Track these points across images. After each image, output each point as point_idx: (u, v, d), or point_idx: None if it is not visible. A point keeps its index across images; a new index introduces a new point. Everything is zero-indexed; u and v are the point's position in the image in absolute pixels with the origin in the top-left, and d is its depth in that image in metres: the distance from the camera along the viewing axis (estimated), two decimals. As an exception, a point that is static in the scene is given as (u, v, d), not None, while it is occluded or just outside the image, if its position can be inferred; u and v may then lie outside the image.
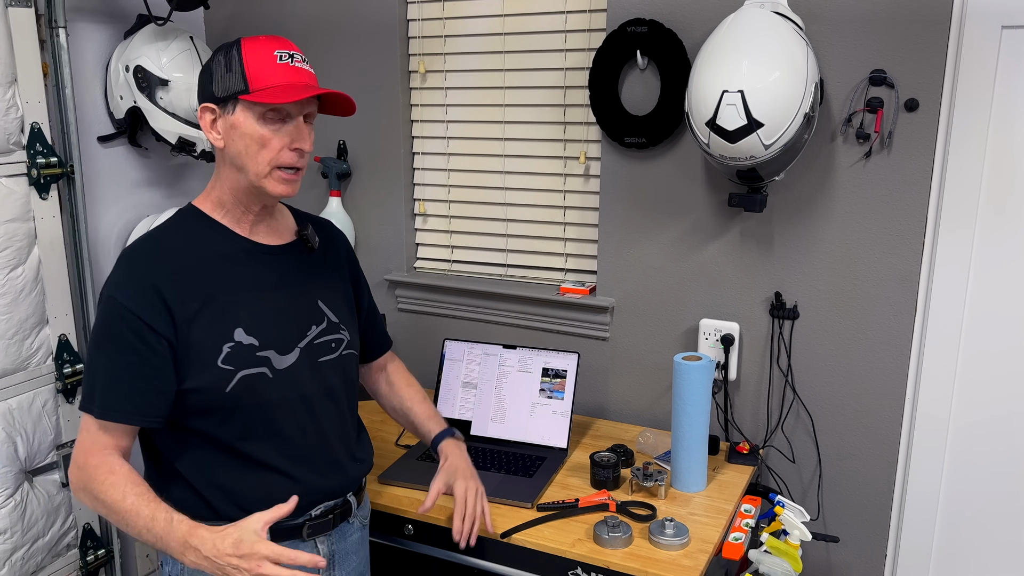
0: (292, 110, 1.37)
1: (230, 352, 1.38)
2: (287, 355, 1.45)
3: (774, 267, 2.06)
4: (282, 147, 1.37)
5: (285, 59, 1.36)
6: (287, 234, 1.53)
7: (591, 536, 1.69)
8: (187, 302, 1.37)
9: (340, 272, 1.61)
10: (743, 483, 1.92)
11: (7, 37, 1.96)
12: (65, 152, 2.14)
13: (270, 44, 1.36)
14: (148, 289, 1.35)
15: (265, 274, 1.46)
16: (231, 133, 1.37)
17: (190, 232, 1.44)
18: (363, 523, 1.63)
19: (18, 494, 2.04)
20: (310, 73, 1.39)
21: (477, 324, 2.46)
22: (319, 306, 1.52)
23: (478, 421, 2.13)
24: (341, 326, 1.55)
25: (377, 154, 2.49)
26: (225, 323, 1.39)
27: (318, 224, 1.63)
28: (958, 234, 1.87)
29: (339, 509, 1.54)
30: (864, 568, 2.10)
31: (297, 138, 1.38)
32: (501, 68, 2.32)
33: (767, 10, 1.76)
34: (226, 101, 1.36)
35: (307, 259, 1.54)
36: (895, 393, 1.99)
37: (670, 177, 2.12)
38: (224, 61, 1.36)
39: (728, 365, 2.12)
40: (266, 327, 1.43)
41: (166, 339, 1.35)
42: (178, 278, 1.38)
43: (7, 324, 2.01)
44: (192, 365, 1.37)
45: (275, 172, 1.38)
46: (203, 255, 1.42)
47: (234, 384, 1.38)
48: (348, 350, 1.55)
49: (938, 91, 1.83)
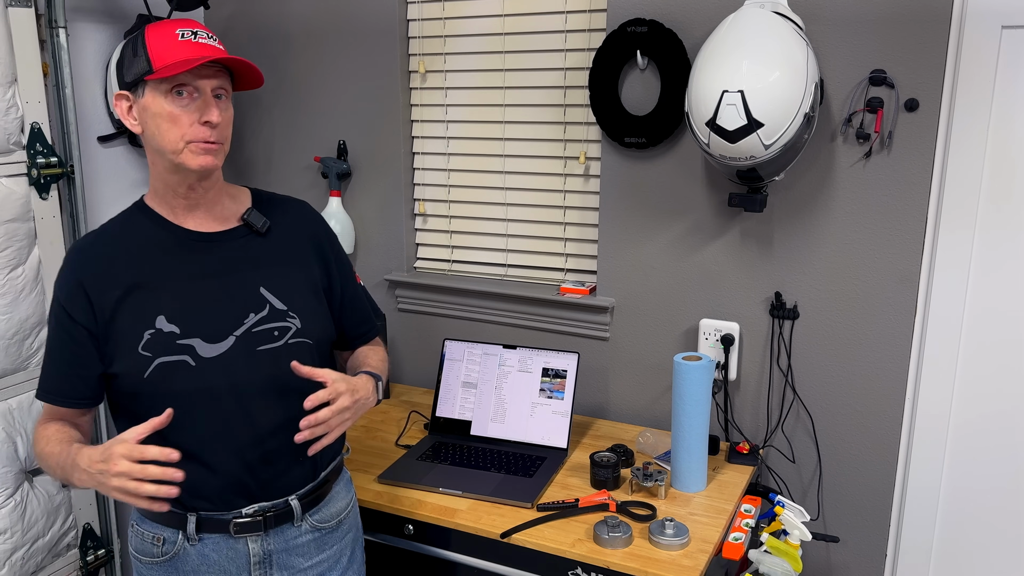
0: (199, 84, 1.36)
1: (150, 339, 1.40)
2: (217, 343, 1.43)
3: (774, 267, 2.06)
4: (192, 122, 1.36)
5: (187, 36, 1.36)
6: (232, 219, 1.51)
7: (591, 536, 1.69)
8: (108, 291, 1.41)
9: (301, 257, 1.55)
10: (743, 483, 1.92)
11: (7, 37, 1.96)
12: (65, 152, 2.14)
13: (172, 24, 1.38)
14: (73, 282, 1.42)
15: (197, 262, 1.45)
16: (144, 116, 1.38)
17: (129, 223, 1.48)
18: (318, 527, 1.54)
19: (18, 494, 2.04)
20: (216, 48, 1.38)
21: (477, 324, 2.46)
22: (260, 293, 1.48)
23: (478, 421, 2.13)
24: (289, 314, 1.49)
25: (377, 154, 2.49)
26: (147, 310, 1.41)
27: (284, 206, 1.59)
28: (958, 234, 1.87)
29: (277, 511, 1.49)
30: (864, 568, 2.10)
31: (205, 111, 1.37)
32: (501, 68, 2.32)
33: (767, 10, 1.76)
34: (135, 85, 1.38)
35: (253, 244, 1.50)
36: (895, 393, 1.99)
37: (670, 177, 2.12)
38: (131, 48, 1.38)
39: (728, 365, 2.12)
40: (191, 315, 1.42)
41: (85, 328, 1.42)
42: (104, 268, 1.43)
43: (7, 324, 2.01)
44: (117, 351, 1.41)
45: (190, 146, 1.38)
46: (134, 244, 1.45)
47: (151, 371, 1.39)
48: (297, 339, 1.48)
49: (938, 91, 1.83)
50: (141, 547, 1.50)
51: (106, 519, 2.31)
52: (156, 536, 1.48)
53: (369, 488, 1.89)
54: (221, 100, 1.40)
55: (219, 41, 1.41)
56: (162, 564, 1.48)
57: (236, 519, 1.46)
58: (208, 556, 1.47)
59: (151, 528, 1.49)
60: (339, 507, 1.60)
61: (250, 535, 1.47)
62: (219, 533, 1.47)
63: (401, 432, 2.22)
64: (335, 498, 1.59)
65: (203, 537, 1.46)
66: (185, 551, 1.47)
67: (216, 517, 1.46)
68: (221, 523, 1.46)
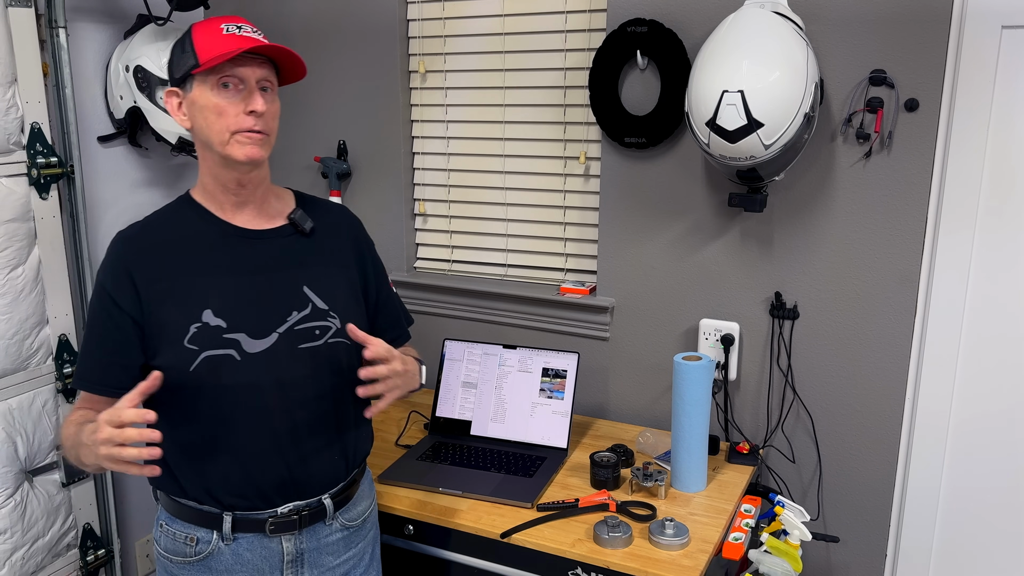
0: (243, 75, 1.38)
1: (196, 332, 1.40)
2: (262, 339, 1.44)
3: (774, 267, 2.06)
4: (237, 113, 1.39)
5: (232, 30, 1.40)
6: (280, 219, 1.53)
7: (591, 536, 1.69)
8: (155, 282, 1.42)
9: (342, 258, 1.58)
10: (743, 483, 1.92)
11: (7, 37, 1.97)
12: (65, 152, 2.14)
13: (217, 20, 1.42)
14: (120, 269, 1.43)
15: (244, 257, 1.47)
16: (192, 110, 1.41)
17: (176, 216, 1.49)
18: (347, 525, 1.57)
19: (18, 494, 2.04)
20: (259, 39, 1.40)
21: (477, 324, 2.46)
22: (304, 291, 1.50)
23: (478, 421, 2.13)
24: (330, 313, 1.51)
25: (377, 154, 2.49)
26: (194, 304, 1.41)
27: (326, 209, 1.62)
28: (958, 234, 1.87)
29: (311, 510, 1.51)
30: (864, 568, 2.10)
31: (250, 101, 1.39)
32: (501, 68, 2.32)
33: (767, 10, 1.76)
34: (184, 81, 1.41)
35: (298, 243, 1.52)
36: (895, 393, 1.99)
37: (670, 177, 2.12)
38: (180, 46, 1.42)
39: (728, 365, 2.12)
40: (238, 310, 1.43)
41: (130, 316, 1.41)
42: (151, 259, 1.43)
43: (7, 324, 2.01)
44: (161, 343, 1.41)
45: (235, 136, 1.40)
46: (182, 237, 1.45)
47: (198, 364, 1.40)
48: (337, 338, 1.51)
49: (938, 91, 1.83)
50: (172, 547, 1.50)
51: (106, 519, 2.30)
52: (189, 536, 1.48)
53: (369, 488, 1.90)
54: (267, 92, 1.42)
55: (264, 36, 1.44)
56: (195, 564, 1.48)
57: (272, 518, 1.47)
58: (242, 555, 1.47)
59: (183, 528, 1.49)
60: (364, 506, 1.63)
61: (284, 534, 1.49)
62: (254, 532, 1.47)
63: (401, 432, 2.22)
64: (361, 497, 1.62)
65: (238, 536, 1.47)
66: (219, 551, 1.47)
67: (252, 517, 1.47)
68: (257, 522, 1.47)
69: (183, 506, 1.48)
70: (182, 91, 1.43)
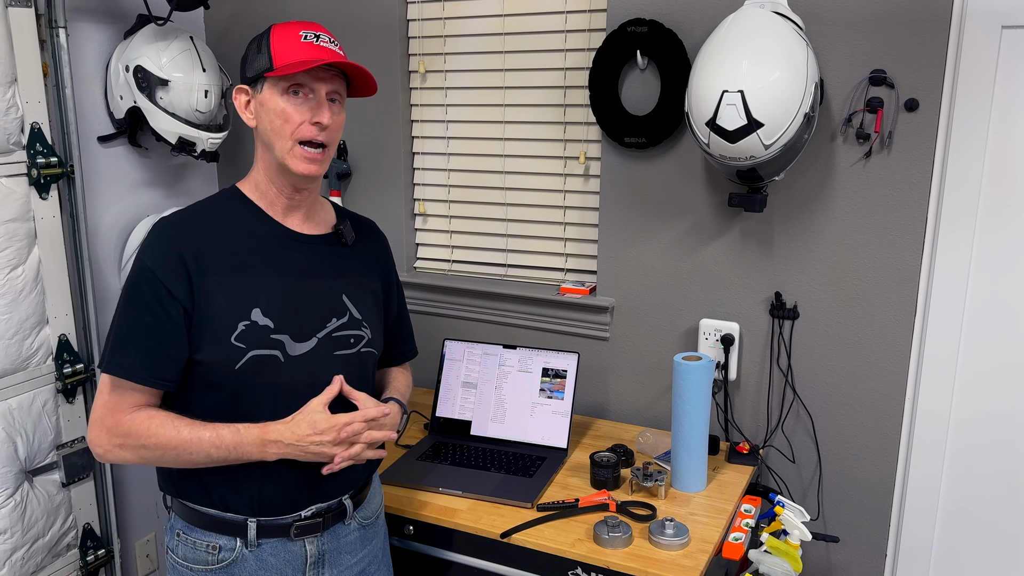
0: (314, 85, 1.40)
1: (244, 330, 1.40)
2: (303, 343, 1.45)
3: (774, 267, 2.06)
4: (303, 121, 1.40)
5: (310, 38, 1.41)
6: (323, 226, 1.56)
7: (591, 536, 1.69)
8: (209, 274, 1.39)
9: (372, 272, 1.62)
10: (743, 483, 1.92)
11: (7, 37, 1.97)
12: (65, 152, 2.14)
13: (297, 26, 1.43)
14: (173, 255, 1.38)
15: (292, 260, 1.48)
16: (260, 111, 1.43)
17: (225, 209, 1.48)
18: (363, 523, 1.60)
19: (18, 494, 2.04)
20: (335, 52, 1.43)
21: (477, 324, 2.46)
22: (343, 300, 1.53)
23: (478, 421, 2.13)
24: (364, 323, 1.55)
25: (377, 154, 2.49)
26: (244, 301, 1.41)
27: (360, 223, 1.65)
28: (958, 234, 1.87)
29: (332, 511, 1.52)
30: (864, 568, 2.10)
31: (317, 112, 1.41)
32: (501, 68, 2.32)
33: (767, 10, 1.76)
34: (255, 81, 1.43)
35: (339, 253, 1.56)
36: (895, 393, 1.99)
37: (670, 177, 2.12)
38: (256, 45, 1.44)
39: (728, 365, 2.12)
40: (284, 311, 1.44)
41: (182, 305, 1.37)
42: (204, 249, 1.41)
43: (7, 324, 2.01)
44: (206, 337, 1.38)
45: (297, 148, 1.41)
46: (233, 231, 1.45)
47: (244, 362, 1.39)
48: (367, 348, 1.55)
49: (938, 91, 1.83)
50: (193, 556, 1.47)
51: (106, 519, 2.30)
52: (211, 544, 1.46)
53: (369, 488, 1.90)
54: (335, 104, 1.44)
55: (340, 47, 1.46)
56: (217, 571, 1.47)
57: (296, 522, 1.48)
58: (266, 560, 1.47)
59: (203, 537, 1.46)
60: (377, 502, 1.66)
61: (308, 536, 1.50)
62: (278, 537, 1.47)
63: (401, 432, 2.21)
64: (374, 494, 1.65)
65: (262, 542, 1.46)
66: (243, 557, 1.46)
67: (276, 522, 1.47)
68: (281, 527, 1.47)
69: (204, 515, 1.46)
70: (252, 90, 1.44)
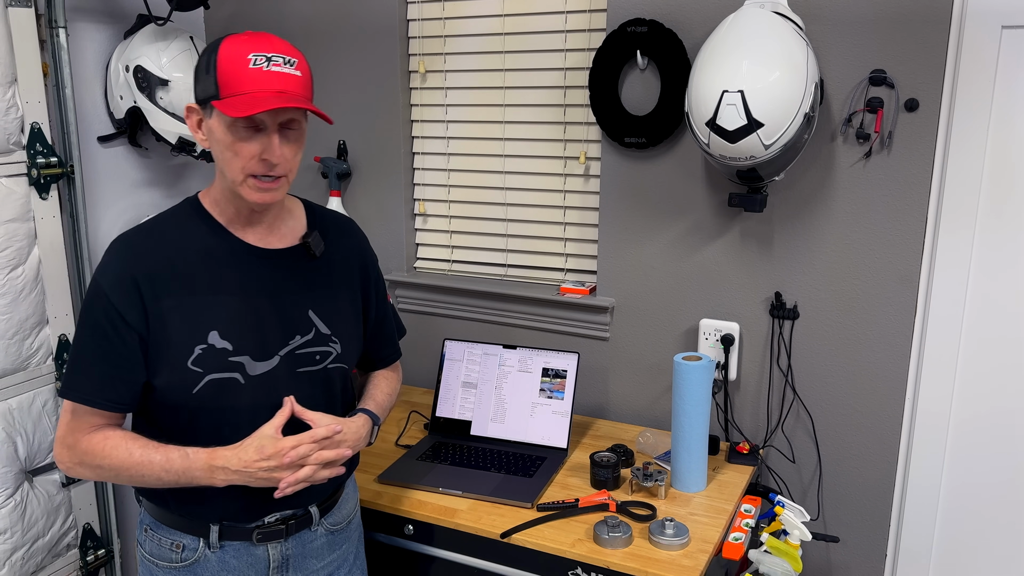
0: (262, 118, 1.30)
1: (201, 354, 1.36)
2: (264, 362, 1.41)
3: (774, 267, 2.06)
4: (252, 156, 1.31)
5: (259, 63, 1.28)
6: (289, 238, 1.48)
7: (591, 536, 1.69)
8: (164, 297, 1.35)
9: (348, 280, 1.55)
10: (743, 483, 1.92)
11: (7, 37, 1.96)
12: (65, 152, 2.14)
13: (247, 46, 1.29)
14: (127, 279, 1.34)
15: (253, 277, 1.42)
16: (209, 137, 1.34)
17: (185, 225, 1.41)
18: (331, 529, 1.56)
19: (18, 494, 2.04)
20: (287, 76, 1.30)
21: (477, 324, 2.46)
22: (309, 316, 1.46)
23: (478, 421, 2.13)
24: (332, 338, 1.49)
25: (377, 154, 2.49)
26: (200, 324, 1.37)
27: (335, 224, 1.57)
28: (958, 234, 1.87)
29: (297, 519, 1.50)
30: (864, 568, 2.10)
31: (267, 149, 1.31)
32: (501, 68, 2.32)
33: (767, 10, 1.76)
34: (204, 104, 1.32)
35: (307, 265, 1.48)
36: (895, 393, 1.99)
37: (670, 177, 2.12)
38: (204, 62, 1.31)
39: (728, 365, 2.12)
40: (244, 332, 1.40)
41: (136, 331, 1.35)
42: (160, 272, 1.36)
43: (7, 324, 2.01)
44: (162, 362, 1.36)
45: (249, 180, 1.33)
46: (191, 251, 1.39)
47: (201, 387, 1.36)
48: (336, 364, 1.49)
49: (938, 91, 1.83)
50: (158, 552, 1.48)
51: (106, 519, 2.30)
52: (175, 543, 1.46)
53: (369, 488, 1.89)
54: (292, 131, 1.34)
55: (299, 64, 1.32)
56: (180, 569, 1.47)
57: (259, 527, 1.46)
58: (228, 562, 1.47)
59: (168, 534, 1.47)
60: (349, 508, 1.62)
61: (271, 542, 1.48)
62: (241, 540, 1.46)
63: (401, 432, 2.21)
64: (346, 500, 1.61)
65: (224, 544, 1.46)
66: (205, 558, 1.46)
67: (239, 526, 1.46)
68: (244, 531, 1.46)
69: (169, 513, 1.46)
70: (202, 111, 1.34)
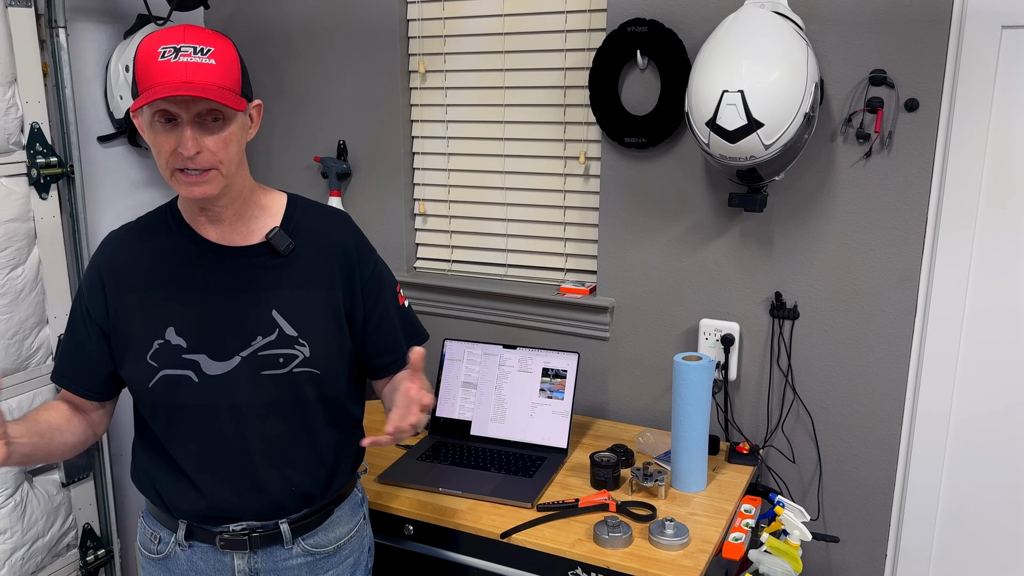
0: (175, 111, 1.25)
1: (158, 349, 1.39)
2: (222, 362, 1.39)
3: (774, 267, 2.06)
4: (172, 150, 1.27)
5: (168, 55, 1.23)
6: (257, 235, 1.42)
7: (591, 536, 1.69)
8: (124, 294, 1.41)
9: (325, 279, 1.44)
10: (743, 483, 1.92)
11: (7, 37, 1.96)
12: (65, 152, 2.14)
13: (159, 39, 1.26)
14: (95, 274, 1.44)
15: (214, 275, 1.40)
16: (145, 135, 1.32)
17: (156, 225, 1.46)
18: (312, 551, 1.49)
19: (18, 494, 2.04)
20: (196, 66, 1.24)
21: (477, 324, 2.46)
22: (272, 316, 1.39)
23: (478, 421, 2.13)
24: (299, 341, 1.40)
25: (377, 154, 2.49)
26: (158, 320, 1.39)
27: (321, 220, 1.48)
28: (958, 234, 1.87)
29: (262, 532, 1.45)
30: (864, 568, 2.10)
31: (181, 142, 1.26)
32: (501, 68, 2.32)
33: (767, 10, 1.76)
34: None
35: (272, 264, 1.41)
36: (895, 393, 1.99)
37: (670, 177, 2.12)
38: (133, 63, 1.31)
39: (728, 365, 2.12)
40: (202, 330, 1.38)
41: (99, 326, 1.42)
42: (124, 269, 1.42)
43: (7, 324, 2.01)
44: (127, 355, 1.41)
45: (176, 174, 1.30)
46: (157, 248, 1.43)
47: (155, 381, 1.39)
48: (304, 368, 1.40)
49: (938, 91, 1.83)
50: (143, 541, 1.54)
51: (106, 519, 2.31)
52: (154, 534, 1.50)
53: (369, 488, 1.89)
54: (216, 122, 1.28)
55: (214, 52, 1.26)
56: (157, 561, 1.51)
57: (222, 534, 1.45)
58: (196, 564, 1.48)
59: (151, 525, 1.52)
60: (340, 532, 1.53)
61: (236, 551, 1.46)
62: (207, 543, 1.47)
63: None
64: (336, 523, 1.53)
65: (193, 544, 1.47)
66: (176, 554, 1.48)
67: (204, 528, 1.46)
68: (209, 534, 1.46)
69: (152, 504, 1.51)
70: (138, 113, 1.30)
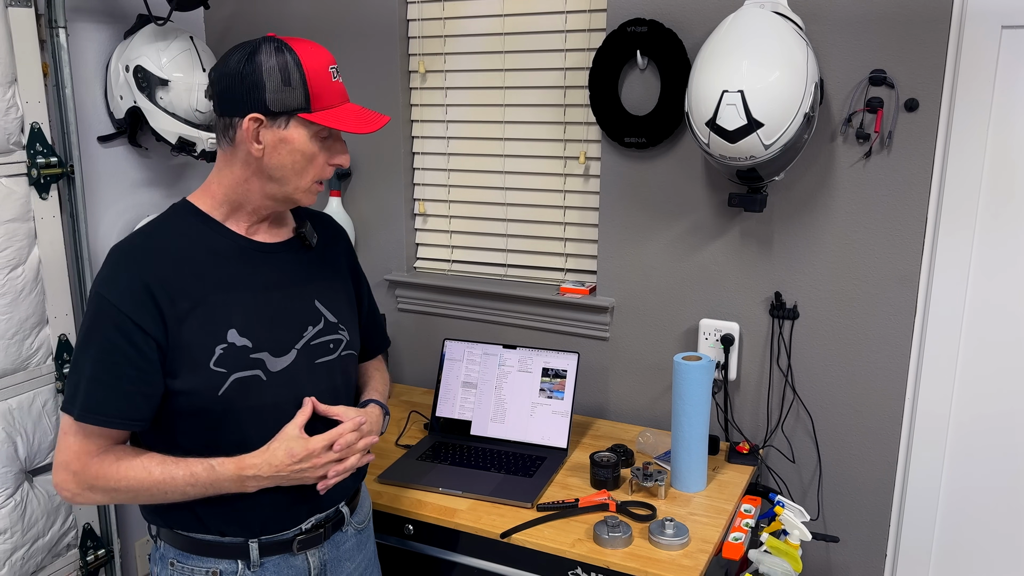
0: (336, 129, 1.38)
1: (223, 354, 1.34)
2: (282, 357, 1.40)
3: (774, 267, 2.06)
4: (325, 163, 1.38)
5: (337, 76, 1.37)
6: (285, 231, 1.49)
7: (591, 536, 1.69)
8: (178, 301, 1.32)
9: (340, 270, 1.57)
10: (743, 483, 1.92)
11: (7, 37, 1.96)
12: (65, 152, 2.14)
13: (323, 57, 1.35)
14: (138, 287, 1.30)
15: (260, 273, 1.42)
16: (279, 147, 1.33)
17: (184, 229, 1.39)
18: (358, 528, 1.58)
19: (18, 494, 2.04)
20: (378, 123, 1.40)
21: (477, 324, 2.46)
22: (316, 306, 1.47)
23: (478, 421, 2.13)
24: (340, 326, 1.50)
25: (377, 154, 2.49)
26: (217, 324, 1.35)
27: (318, 219, 1.59)
28: (958, 234, 1.87)
29: (331, 521, 1.50)
30: (864, 568, 2.10)
31: (338, 154, 1.40)
32: (501, 68, 2.32)
33: (767, 10, 1.76)
34: (279, 115, 1.32)
35: (304, 257, 1.50)
36: (895, 393, 1.99)
37: (670, 177, 2.12)
38: (280, 73, 1.30)
39: (728, 365, 2.12)
40: (260, 328, 1.39)
41: (155, 340, 1.30)
42: (170, 276, 1.33)
43: (7, 324, 2.01)
44: (183, 367, 1.32)
45: (313, 185, 1.40)
46: (196, 252, 1.37)
47: (227, 387, 1.34)
48: (347, 351, 1.51)
49: (938, 91, 1.83)
50: None
51: (106, 519, 2.30)
52: (211, 571, 1.42)
53: (369, 488, 1.89)
54: None
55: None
56: None
57: (298, 536, 1.45)
58: None
59: (202, 563, 1.42)
60: (367, 506, 1.65)
61: (310, 549, 1.47)
62: (280, 554, 1.44)
63: (401, 432, 2.21)
64: (364, 497, 1.64)
65: (264, 561, 1.43)
66: None
67: (278, 539, 1.44)
68: (283, 543, 1.44)
69: (200, 541, 1.41)
70: (270, 122, 1.31)
